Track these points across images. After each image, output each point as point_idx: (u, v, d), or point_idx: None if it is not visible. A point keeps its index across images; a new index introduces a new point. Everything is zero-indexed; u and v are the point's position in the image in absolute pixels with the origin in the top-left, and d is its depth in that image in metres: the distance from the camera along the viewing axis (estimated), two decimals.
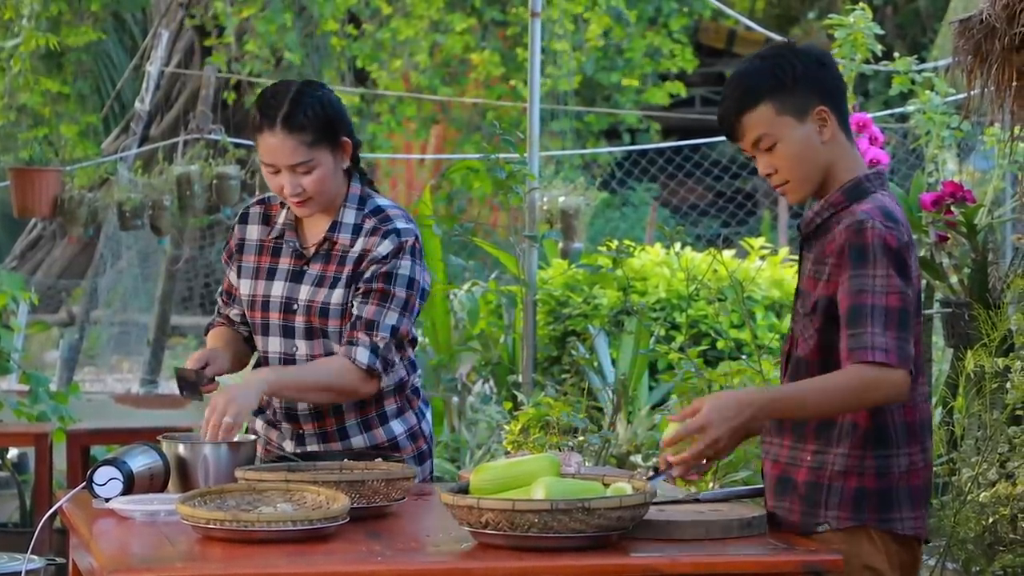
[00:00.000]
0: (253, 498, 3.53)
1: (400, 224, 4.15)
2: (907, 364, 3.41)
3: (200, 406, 4.17)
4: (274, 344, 4.18)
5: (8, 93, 12.43)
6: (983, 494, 4.69)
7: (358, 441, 4.21)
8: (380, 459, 3.95)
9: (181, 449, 3.84)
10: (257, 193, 10.40)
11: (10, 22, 11.93)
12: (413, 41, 14.46)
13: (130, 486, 3.74)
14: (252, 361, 4.34)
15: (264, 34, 13.95)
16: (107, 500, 3.71)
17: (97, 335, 14.85)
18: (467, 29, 14.75)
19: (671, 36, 15.51)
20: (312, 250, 4.18)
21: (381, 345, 4.06)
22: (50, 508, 3.90)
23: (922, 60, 7.58)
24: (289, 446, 4.22)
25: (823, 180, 3.57)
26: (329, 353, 4.14)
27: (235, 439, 3.91)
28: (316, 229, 4.20)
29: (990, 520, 4.69)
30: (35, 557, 4.26)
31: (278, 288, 4.18)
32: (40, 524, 4.22)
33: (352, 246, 4.14)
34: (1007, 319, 4.98)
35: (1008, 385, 4.81)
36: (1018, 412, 4.87)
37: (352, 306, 4.11)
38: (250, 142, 4.36)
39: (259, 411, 4.25)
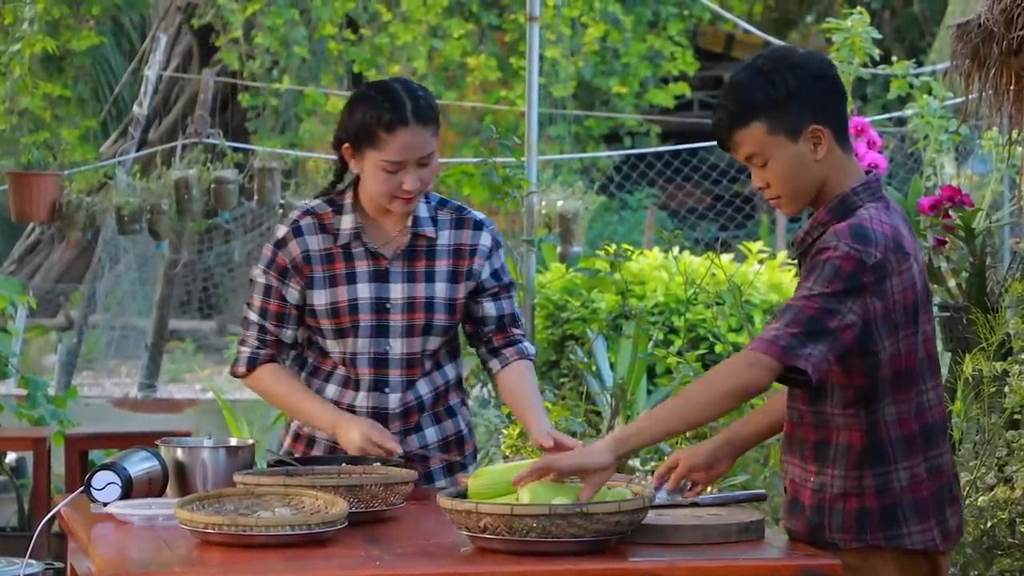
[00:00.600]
0: (251, 502, 3.53)
1: (476, 214, 4.28)
2: (780, 355, 3.33)
3: (196, 413, 4.17)
4: (363, 345, 4.17)
5: (8, 97, 12.43)
6: (981, 498, 4.69)
7: (431, 434, 4.25)
8: (378, 463, 3.95)
9: (179, 453, 3.84)
10: (255, 197, 10.41)
11: (10, 26, 11.93)
12: (411, 46, 14.46)
13: (128, 490, 3.74)
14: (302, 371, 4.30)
15: (272, 28, 13.95)
16: (105, 504, 3.71)
17: (95, 339, 14.85)
18: (465, 34, 14.76)
19: (671, 39, 15.52)
20: (392, 248, 4.18)
21: (524, 332, 4.35)
22: (48, 512, 3.90)
23: (920, 64, 7.58)
24: None
25: (819, 192, 3.54)
26: (423, 351, 4.18)
27: (233, 443, 3.92)
28: (387, 228, 4.20)
29: (988, 524, 4.69)
30: (33, 561, 4.26)
31: (364, 290, 4.16)
32: (38, 528, 4.22)
33: (437, 239, 4.19)
34: (1005, 323, 4.98)
35: (1006, 389, 4.81)
36: (1016, 416, 4.88)
37: (484, 308, 4.23)
38: (248, 146, 4.33)
39: None
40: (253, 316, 4.22)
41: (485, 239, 4.24)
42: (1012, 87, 5.36)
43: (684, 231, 12.35)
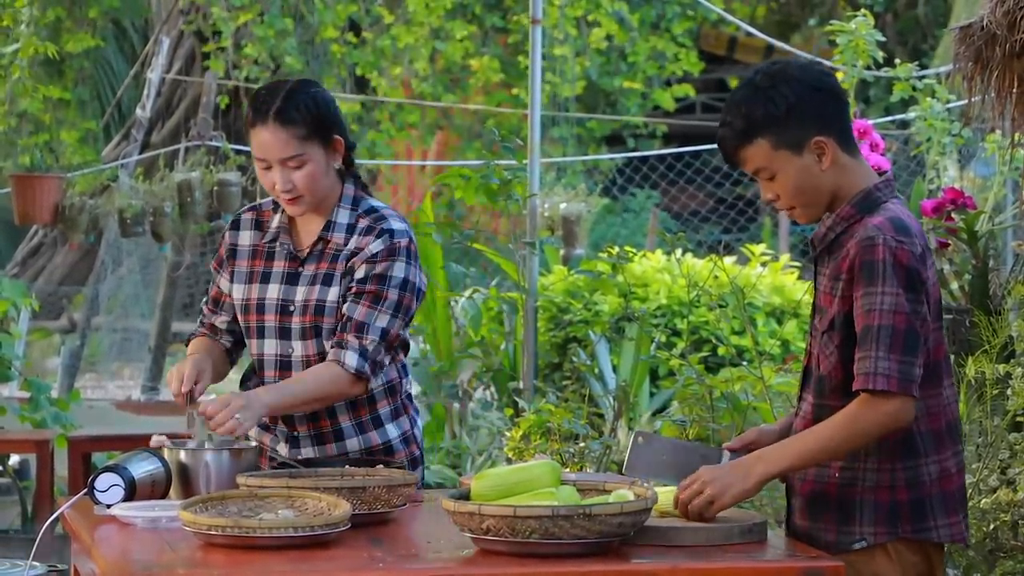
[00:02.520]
0: (255, 504, 3.53)
1: (395, 224, 4.16)
2: (909, 389, 3.41)
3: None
4: (270, 347, 4.18)
5: (8, 99, 12.44)
6: (984, 500, 4.69)
7: (353, 444, 4.20)
8: (381, 465, 3.95)
9: (183, 456, 3.84)
10: (259, 199, 10.43)
11: (9, 29, 11.94)
12: (413, 48, 14.47)
13: (132, 493, 3.74)
14: (229, 370, 4.33)
15: (263, 39, 13.95)
16: (109, 507, 3.71)
17: (98, 342, 14.86)
18: (468, 36, 14.76)
19: (675, 40, 15.52)
20: (306, 252, 4.18)
21: (370, 348, 4.06)
22: (52, 514, 3.90)
23: (923, 67, 7.58)
24: (283, 450, 4.20)
25: (832, 199, 3.56)
26: (323, 353, 4.14)
27: (237, 445, 3.92)
28: (310, 230, 4.20)
29: (991, 527, 4.69)
30: (36, 564, 4.26)
31: (273, 291, 4.18)
32: (42, 531, 4.21)
33: (346, 244, 4.16)
34: (1008, 326, 4.98)
35: (1009, 391, 4.81)
36: (1019, 419, 4.88)
37: (343, 308, 4.12)
38: (250, 148, 4.34)
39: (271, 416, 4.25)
40: (204, 299, 4.36)
41: (376, 245, 4.11)
42: (1015, 90, 5.36)
43: (687, 233, 12.36)
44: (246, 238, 4.25)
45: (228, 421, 3.86)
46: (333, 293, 4.14)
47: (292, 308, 4.16)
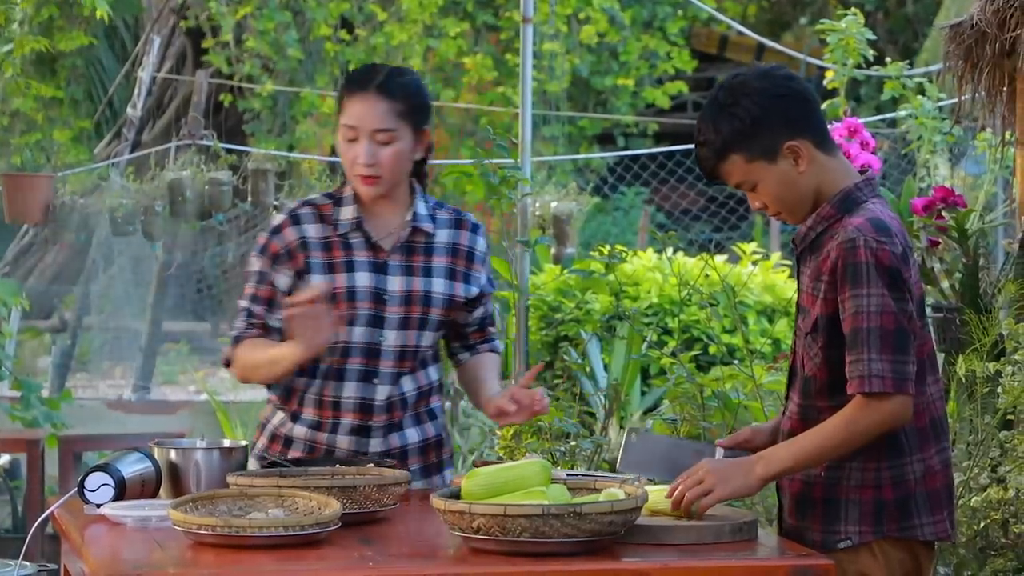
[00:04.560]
0: (245, 504, 3.53)
1: (472, 217, 4.32)
2: (905, 387, 3.42)
3: (190, 414, 4.16)
4: (359, 334, 4.14)
5: (1, 98, 12.43)
6: (974, 498, 4.69)
7: (412, 435, 4.24)
8: (372, 464, 3.95)
9: (173, 455, 3.84)
10: (249, 199, 10.42)
11: (1, 27, 11.91)
12: (407, 45, 14.46)
13: (121, 492, 3.73)
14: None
15: (263, 32, 13.94)
16: (99, 506, 3.71)
17: (89, 341, 14.84)
18: (460, 34, 14.75)
19: (666, 38, 15.52)
20: (390, 242, 4.19)
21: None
22: (42, 514, 3.90)
23: (912, 65, 7.59)
24: (345, 442, 4.18)
25: (816, 198, 3.58)
26: (418, 345, 4.18)
27: (226, 444, 3.92)
28: (385, 221, 4.20)
29: (982, 524, 4.69)
30: (27, 563, 4.26)
31: (363, 279, 4.15)
32: (32, 530, 4.21)
33: (435, 236, 4.22)
34: (998, 324, 4.99)
35: (999, 390, 4.82)
36: (1009, 417, 4.88)
37: (476, 311, 4.29)
38: (242, 147, 4.33)
39: (300, 404, 4.23)
40: (243, 303, 4.22)
41: (481, 245, 4.29)
42: (1005, 88, 5.37)
43: (678, 232, 12.35)
44: (312, 231, 4.19)
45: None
46: (439, 285, 4.19)
47: (386, 297, 4.15)
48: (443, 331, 4.28)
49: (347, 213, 4.20)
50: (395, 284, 4.17)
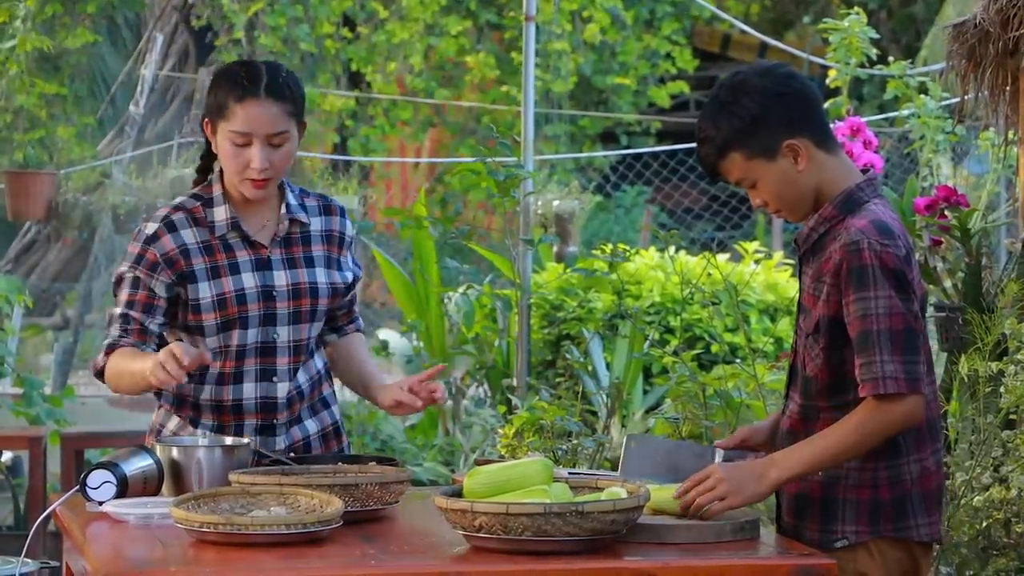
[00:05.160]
0: (247, 501, 3.53)
1: (337, 201, 4.33)
2: (918, 387, 3.43)
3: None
4: (251, 335, 4.12)
5: (4, 95, 12.43)
6: (977, 498, 4.69)
7: (311, 426, 4.23)
8: (374, 463, 3.95)
9: (175, 452, 3.84)
10: None
11: (5, 24, 11.93)
12: (408, 43, 14.46)
13: (124, 489, 3.73)
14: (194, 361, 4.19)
15: (275, 28, 13.94)
16: (101, 503, 3.71)
17: (92, 338, 14.83)
18: (462, 32, 14.75)
19: (668, 38, 15.52)
20: (267, 236, 4.15)
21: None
22: (44, 511, 3.90)
23: (914, 64, 7.59)
24: (253, 443, 4.08)
25: (817, 197, 3.58)
26: (309, 338, 4.17)
27: (228, 442, 3.92)
28: (260, 217, 4.16)
29: (984, 524, 4.69)
30: (29, 561, 4.25)
31: (249, 280, 4.12)
32: (34, 527, 4.21)
33: (310, 225, 4.20)
34: (1001, 323, 4.98)
35: (1002, 389, 4.81)
36: (1012, 416, 4.88)
37: (348, 294, 4.26)
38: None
39: (196, 410, 4.18)
40: (118, 310, 4.11)
41: (349, 228, 4.29)
42: (1008, 87, 5.36)
43: (680, 231, 12.34)
44: (191, 236, 4.12)
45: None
46: (321, 275, 4.17)
47: (275, 293, 4.13)
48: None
49: (220, 214, 4.14)
50: (281, 279, 4.14)
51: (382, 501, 3.64)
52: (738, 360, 6.22)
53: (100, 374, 4.12)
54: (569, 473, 3.87)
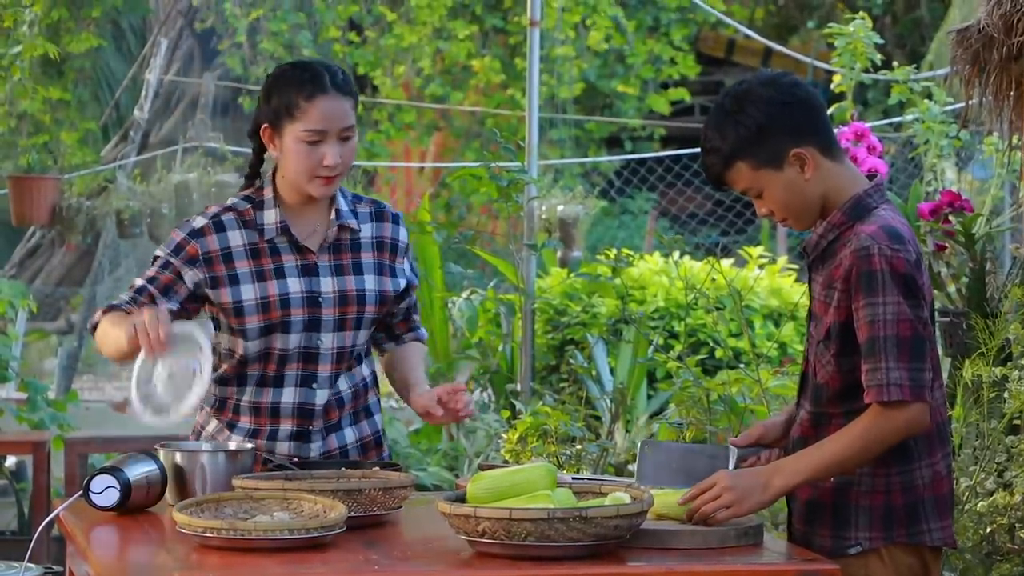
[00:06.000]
0: (250, 507, 3.53)
1: (391, 207, 4.29)
2: (923, 395, 3.42)
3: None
4: (294, 340, 4.11)
5: (8, 100, 12.43)
6: (981, 504, 4.69)
7: (350, 434, 4.20)
8: (377, 467, 3.95)
9: (178, 457, 3.84)
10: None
11: (10, 29, 11.92)
12: (416, 47, 14.47)
13: (127, 494, 3.73)
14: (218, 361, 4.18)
15: (276, 34, 13.95)
16: (104, 509, 3.70)
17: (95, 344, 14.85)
18: (469, 36, 14.76)
19: (671, 44, 15.52)
20: (316, 242, 4.15)
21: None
22: (48, 516, 3.89)
23: (920, 69, 7.58)
24: (284, 448, 4.15)
25: (823, 205, 3.58)
26: (354, 345, 4.15)
27: (233, 447, 3.92)
28: (311, 222, 4.16)
29: (988, 530, 4.69)
30: (32, 565, 4.25)
31: (294, 284, 4.10)
32: (37, 532, 4.21)
33: (360, 232, 4.18)
34: (1005, 328, 4.98)
35: (1006, 394, 4.81)
36: (1016, 422, 4.88)
37: (403, 302, 4.27)
38: (247, 150, 4.28)
39: (235, 413, 4.19)
40: (138, 281, 4.12)
41: (403, 235, 4.27)
42: (1012, 92, 5.36)
43: (684, 236, 12.35)
44: (238, 238, 4.12)
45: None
46: (370, 282, 4.15)
47: (321, 299, 4.12)
48: (374, 327, 4.25)
49: (270, 217, 4.13)
50: (328, 286, 4.13)
51: (386, 506, 3.64)
52: (742, 365, 6.23)
53: (93, 330, 4.11)
54: (573, 478, 3.87)
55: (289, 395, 4.15)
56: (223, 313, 4.13)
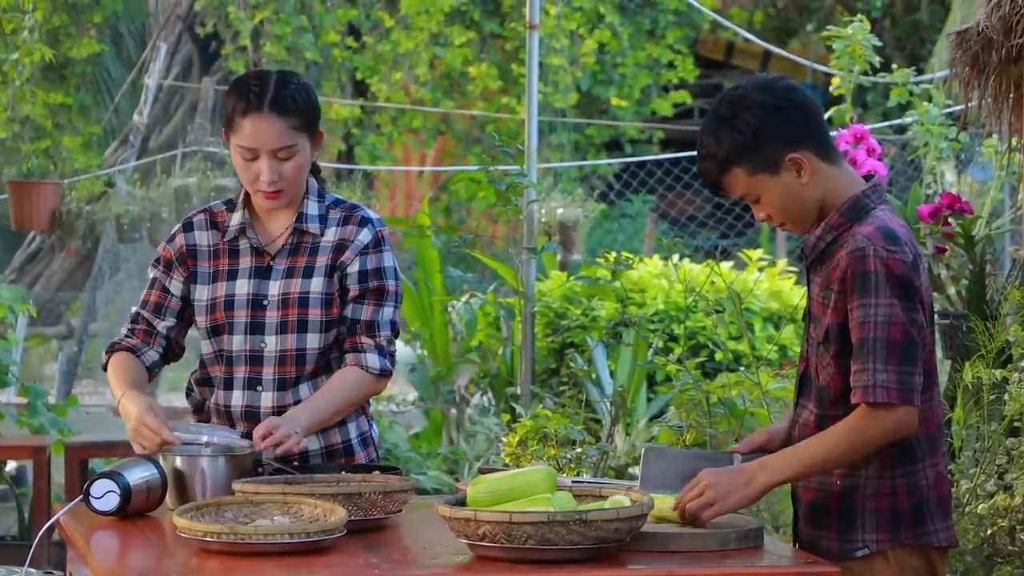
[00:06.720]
0: (250, 511, 3.53)
1: (370, 213, 4.21)
2: (910, 398, 3.41)
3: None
4: (238, 343, 4.13)
5: (10, 105, 12.44)
6: (981, 506, 4.69)
7: (311, 441, 4.15)
8: (377, 471, 3.95)
9: (178, 462, 3.84)
10: None
11: (11, 35, 11.93)
12: (414, 53, 14.47)
13: (127, 499, 3.73)
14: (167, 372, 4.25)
15: (280, 37, 13.96)
16: (104, 513, 3.70)
17: (96, 348, 14.83)
18: (466, 42, 14.77)
19: (670, 47, 15.53)
20: (277, 245, 4.16)
21: (385, 344, 4.13)
22: (48, 521, 3.90)
23: (920, 72, 7.58)
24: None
25: (821, 208, 3.57)
26: (301, 349, 4.13)
27: (232, 451, 3.92)
28: (275, 225, 4.18)
29: (988, 532, 4.69)
30: (33, 570, 4.26)
31: (242, 286, 4.13)
32: (38, 537, 4.21)
33: (323, 235, 4.15)
34: (1005, 330, 4.98)
35: (1006, 397, 4.81)
36: (1016, 424, 4.88)
37: (346, 310, 4.13)
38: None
39: (207, 415, 4.24)
40: (135, 308, 4.25)
41: (364, 236, 4.15)
42: (1011, 95, 5.36)
43: (684, 239, 12.34)
44: (203, 239, 4.19)
45: (287, 441, 3.87)
46: (316, 284, 4.12)
47: (265, 302, 4.13)
48: (334, 332, 4.17)
49: (235, 219, 4.18)
50: (275, 288, 4.14)
51: (386, 510, 3.64)
52: (742, 368, 6.22)
53: (105, 368, 4.25)
54: (573, 482, 3.87)
55: (238, 398, 4.18)
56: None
